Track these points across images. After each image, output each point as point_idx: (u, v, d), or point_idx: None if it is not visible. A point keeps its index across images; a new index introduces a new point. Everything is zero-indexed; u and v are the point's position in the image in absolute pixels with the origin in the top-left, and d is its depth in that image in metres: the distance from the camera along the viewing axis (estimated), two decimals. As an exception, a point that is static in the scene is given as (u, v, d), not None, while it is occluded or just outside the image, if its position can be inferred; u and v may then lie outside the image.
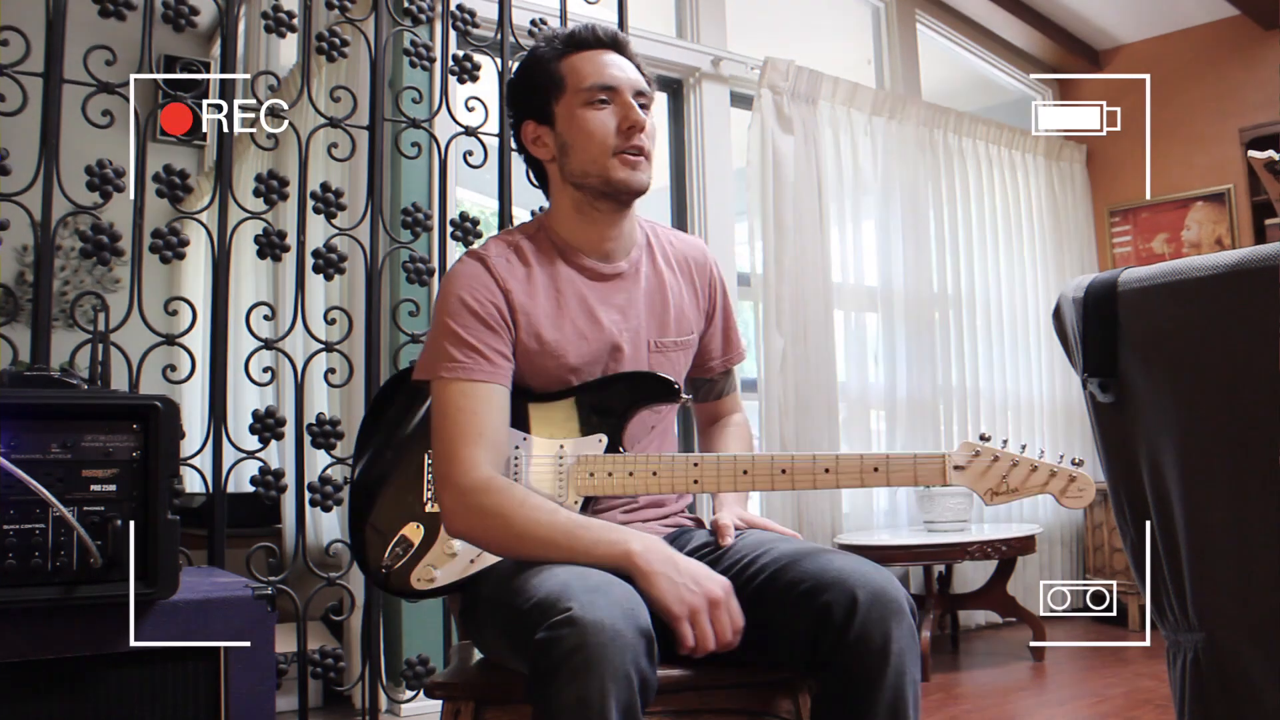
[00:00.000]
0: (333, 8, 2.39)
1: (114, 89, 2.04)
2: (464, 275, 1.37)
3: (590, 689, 1.01)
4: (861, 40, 4.55)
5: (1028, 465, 1.29)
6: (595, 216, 1.41)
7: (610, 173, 1.36)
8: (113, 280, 4.19)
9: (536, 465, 1.35)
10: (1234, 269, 0.94)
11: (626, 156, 1.36)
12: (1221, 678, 1.01)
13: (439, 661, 2.51)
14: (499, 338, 1.34)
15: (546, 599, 1.09)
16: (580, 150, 1.37)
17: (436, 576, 1.34)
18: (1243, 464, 0.97)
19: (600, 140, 1.36)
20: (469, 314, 1.33)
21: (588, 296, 1.41)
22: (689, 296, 1.50)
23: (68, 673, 1.18)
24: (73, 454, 1.17)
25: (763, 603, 1.23)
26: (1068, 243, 4.77)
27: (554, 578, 1.14)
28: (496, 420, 1.31)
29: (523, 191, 2.60)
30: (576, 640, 1.02)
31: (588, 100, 1.37)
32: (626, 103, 1.37)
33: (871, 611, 1.13)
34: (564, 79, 1.38)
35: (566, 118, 1.38)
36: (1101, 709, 2.83)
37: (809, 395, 3.67)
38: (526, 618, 1.10)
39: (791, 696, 1.32)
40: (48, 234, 1.97)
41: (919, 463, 1.29)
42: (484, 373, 1.32)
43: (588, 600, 1.06)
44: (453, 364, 1.31)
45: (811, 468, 1.30)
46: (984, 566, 3.85)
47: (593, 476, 1.33)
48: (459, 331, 1.32)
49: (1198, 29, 4.59)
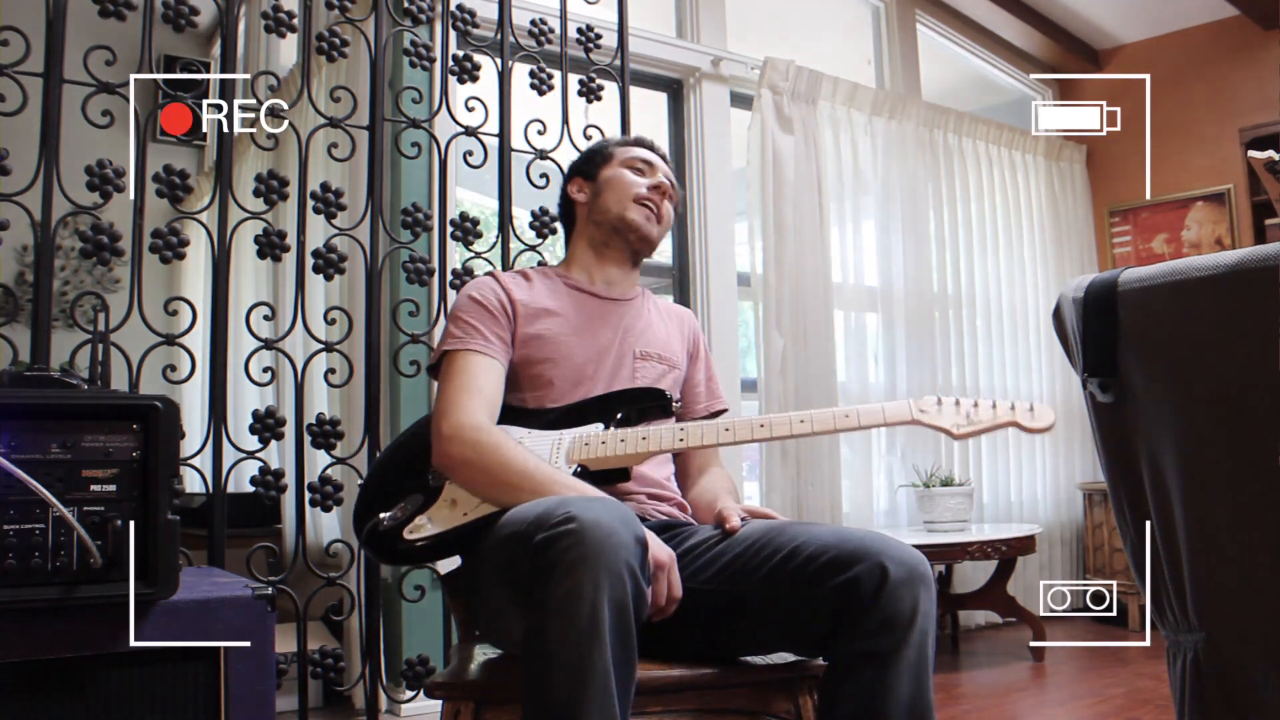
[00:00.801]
0: (333, 8, 2.39)
1: (114, 89, 2.04)
2: (474, 283, 1.62)
3: (583, 581, 1.06)
4: (861, 40, 4.55)
5: (987, 404, 1.41)
6: (606, 253, 1.68)
7: (628, 213, 1.64)
8: (113, 280, 4.19)
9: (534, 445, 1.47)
10: (1234, 269, 0.94)
11: (645, 206, 1.65)
12: (1221, 678, 1.01)
13: (439, 661, 2.51)
14: (498, 323, 1.55)
15: (545, 511, 1.15)
16: (610, 193, 1.67)
17: (427, 526, 1.39)
18: (1243, 464, 0.97)
19: (628, 188, 1.66)
20: (474, 304, 1.56)
21: (584, 306, 1.62)
22: (675, 336, 1.70)
23: (68, 673, 1.18)
24: (73, 454, 1.17)
25: (781, 580, 1.26)
26: (1068, 243, 4.77)
27: (551, 499, 1.21)
28: (493, 383, 1.50)
29: (523, 192, 2.61)
30: (576, 537, 1.08)
31: (629, 164, 1.69)
32: (657, 175, 1.69)
33: (900, 579, 1.19)
34: (614, 154, 1.72)
35: (607, 174, 1.69)
36: (1101, 709, 2.83)
37: (809, 395, 3.67)
38: (522, 535, 1.15)
39: (791, 696, 1.32)
40: (48, 234, 1.97)
41: (886, 411, 1.41)
42: (479, 345, 1.52)
43: (585, 505, 1.12)
44: (453, 339, 1.53)
45: (788, 421, 1.40)
46: (984, 566, 3.86)
47: (588, 445, 1.45)
48: (464, 317, 1.55)
49: (1198, 29, 4.59)
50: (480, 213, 3.13)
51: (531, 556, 1.10)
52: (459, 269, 2.49)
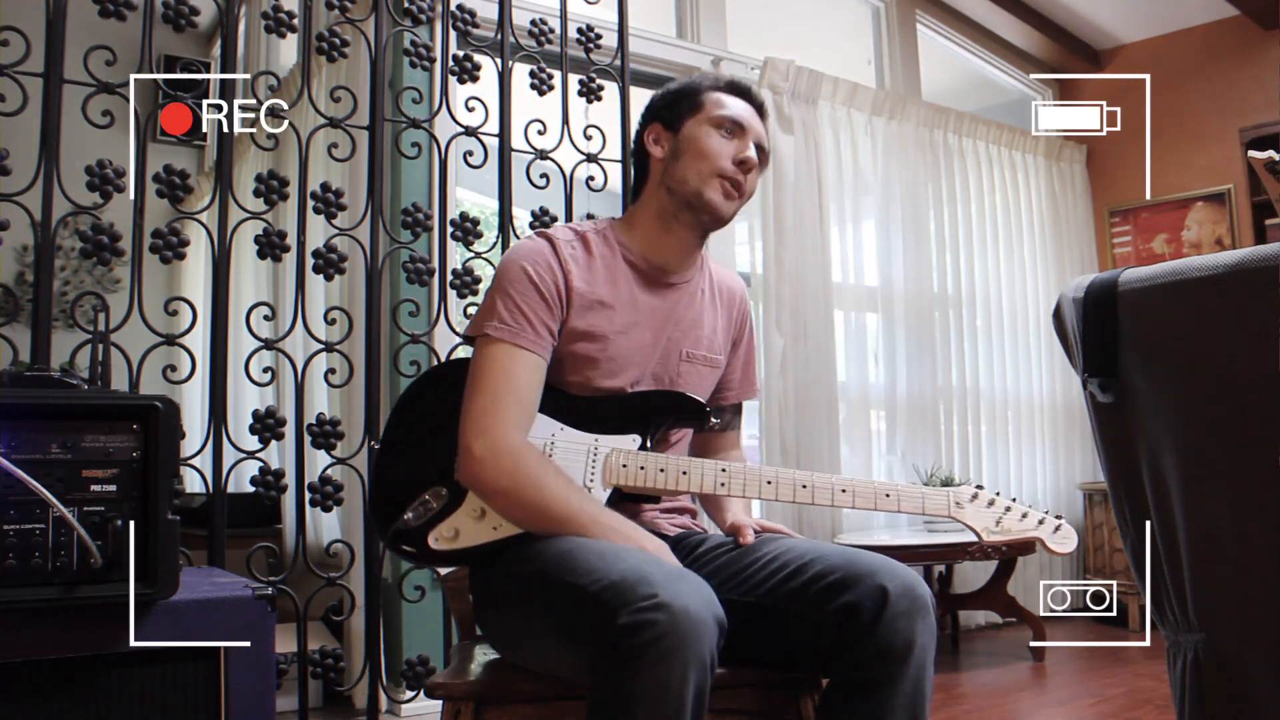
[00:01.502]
0: (333, 8, 2.39)
1: (114, 89, 2.04)
2: (529, 249, 1.43)
3: (672, 673, 1.04)
4: (861, 40, 4.55)
5: (1019, 511, 1.39)
6: (673, 227, 1.49)
7: (706, 189, 1.45)
8: (113, 280, 4.19)
9: (567, 452, 1.39)
10: (1234, 269, 0.94)
11: (726, 184, 1.45)
12: (1221, 678, 1.00)
13: (439, 661, 2.51)
14: (550, 312, 1.40)
15: (624, 581, 1.10)
16: (691, 159, 1.46)
17: (459, 534, 1.33)
18: (1243, 464, 0.97)
19: (713, 158, 1.45)
20: (527, 282, 1.39)
21: (638, 296, 1.47)
22: (723, 323, 1.57)
23: (68, 673, 1.18)
24: (73, 454, 1.17)
25: (785, 597, 1.25)
26: (1068, 243, 4.77)
27: (624, 561, 1.15)
28: (533, 388, 1.37)
29: (523, 192, 2.60)
30: (666, 626, 1.04)
31: (718, 124, 1.47)
32: (747, 144, 1.47)
33: (900, 607, 1.17)
34: (705, 103, 1.49)
35: (691, 130, 1.48)
36: (1101, 709, 2.83)
37: (809, 395, 3.67)
38: (596, 599, 1.10)
39: (795, 698, 1.32)
40: (48, 234, 1.97)
41: (927, 497, 1.38)
42: (528, 340, 1.37)
43: (672, 587, 1.08)
44: (501, 325, 1.37)
45: (830, 487, 1.37)
46: (984, 566, 3.86)
47: (626, 467, 1.37)
48: (514, 296, 1.38)
49: (1198, 29, 4.59)
50: (480, 213, 3.13)
51: (615, 637, 1.06)
52: (459, 269, 2.49)
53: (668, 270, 1.50)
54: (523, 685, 1.27)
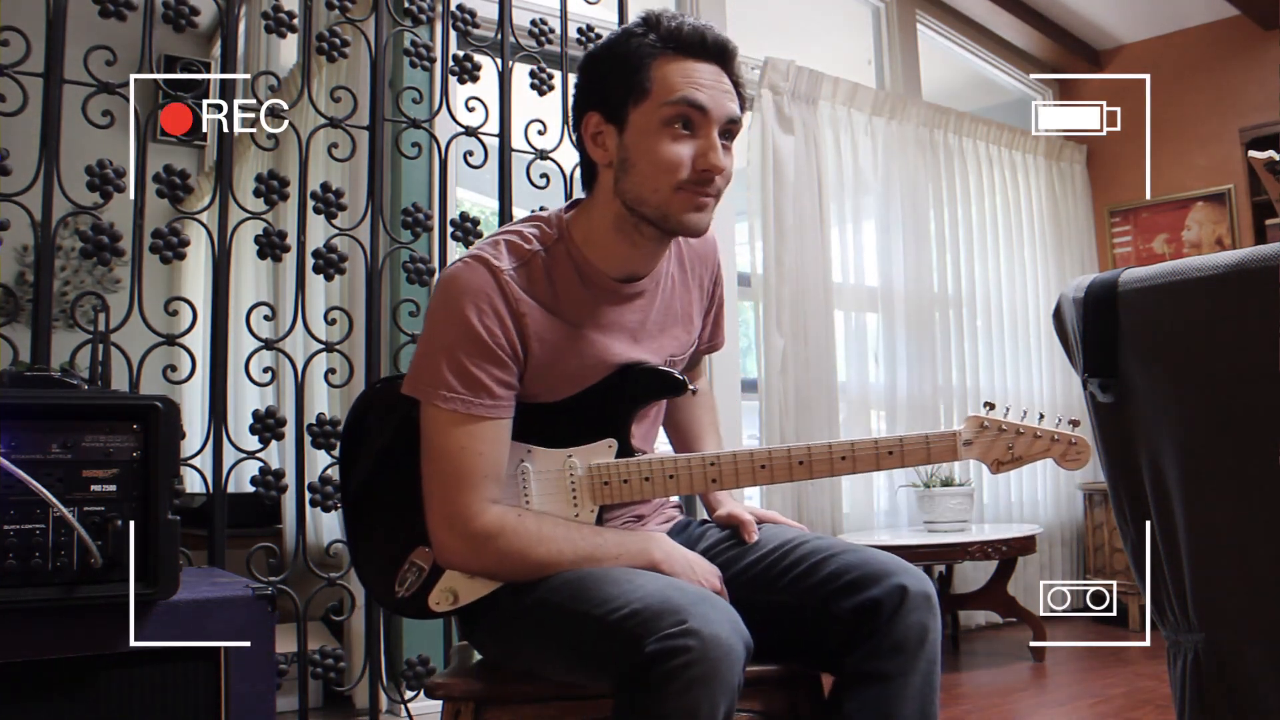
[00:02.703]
0: (333, 8, 2.39)
1: (114, 89, 2.04)
2: (474, 289, 1.21)
3: (701, 701, 1.03)
4: (861, 40, 4.55)
5: (1030, 434, 1.33)
6: (635, 240, 1.27)
7: (669, 209, 1.21)
8: (113, 280, 4.19)
9: (544, 480, 1.29)
10: (1234, 269, 0.94)
11: (694, 196, 1.21)
12: (1222, 678, 1.01)
13: (439, 661, 2.51)
14: (507, 370, 1.22)
15: (649, 609, 1.07)
16: (643, 175, 1.21)
17: (459, 596, 1.28)
18: (1243, 463, 0.97)
19: (669, 172, 1.19)
20: (474, 343, 1.20)
21: (602, 318, 1.29)
22: (696, 301, 1.43)
23: (68, 673, 1.18)
24: (73, 454, 1.17)
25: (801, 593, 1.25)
26: (1068, 243, 4.77)
27: (644, 586, 1.13)
28: (500, 456, 1.23)
29: (523, 192, 2.60)
30: (698, 653, 1.03)
31: (670, 119, 1.19)
32: (710, 138, 1.20)
33: (917, 603, 1.19)
34: (650, 84, 1.20)
35: (639, 130, 1.21)
36: (1101, 709, 2.83)
37: (809, 395, 3.67)
38: (618, 627, 1.08)
39: (790, 695, 1.32)
40: (48, 234, 1.97)
41: (931, 443, 1.30)
42: (486, 408, 1.20)
43: (700, 612, 1.06)
44: (451, 395, 1.19)
45: (829, 456, 1.28)
46: (984, 566, 3.85)
47: (608, 485, 1.28)
48: (463, 361, 1.19)
49: (1198, 29, 4.59)
50: (480, 213, 3.13)
51: (643, 665, 1.03)
52: (459, 269, 2.49)
53: (637, 276, 1.31)
54: (523, 685, 1.27)
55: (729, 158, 1.23)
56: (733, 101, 1.23)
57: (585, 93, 1.27)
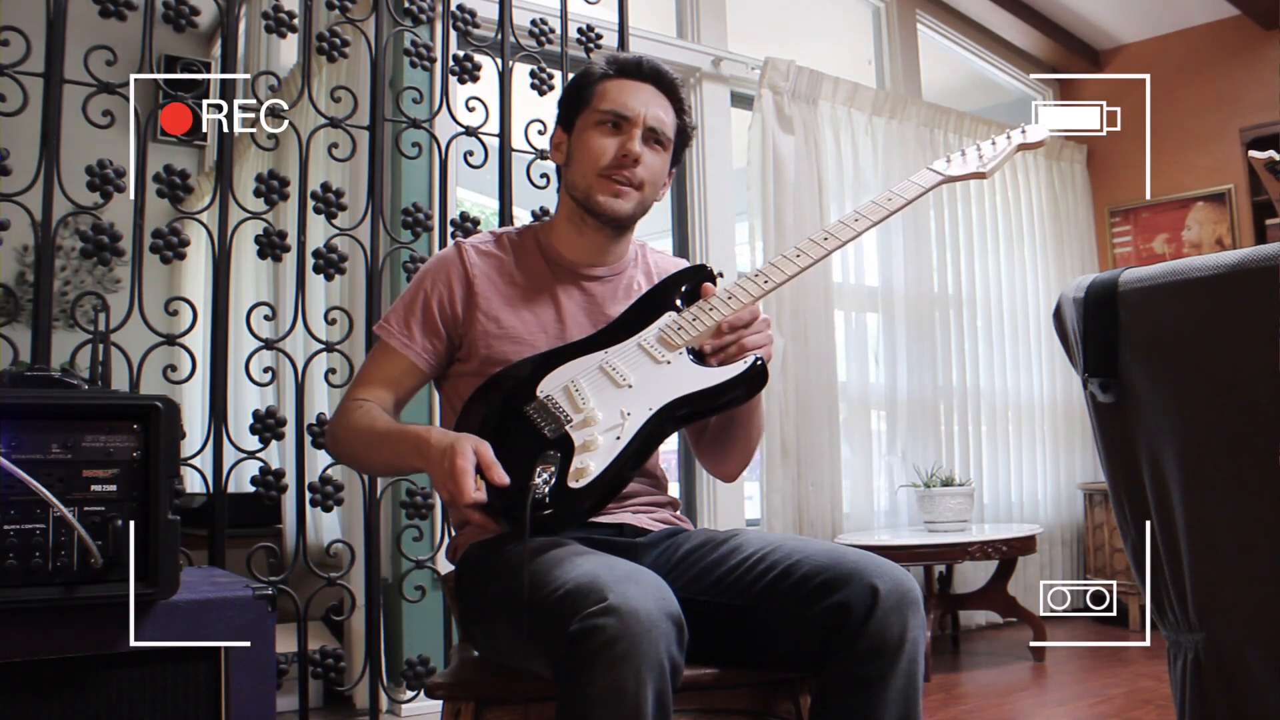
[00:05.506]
0: (333, 8, 2.39)
1: (114, 89, 2.04)
2: (436, 265, 1.49)
3: (626, 677, 1.02)
4: (861, 40, 4.55)
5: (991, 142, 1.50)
6: (585, 230, 1.48)
7: (592, 192, 1.44)
8: (113, 280, 4.19)
9: (623, 361, 1.37)
10: (1234, 269, 0.94)
11: (612, 183, 1.42)
12: (1222, 678, 1.01)
13: (439, 661, 2.51)
14: (434, 331, 1.46)
15: (578, 589, 1.09)
16: (578, 164, 1.45)
17: (590, 467, 1.27)
18: (1243, 463, 0.97)
19: (594, 159, 1.43)
20: (422, 302, 1.46)
21: (556, 291, 1.48)
22: None
23: (68, 673, 1.18)
24: (73, 454, 1.17)
25: (775, 597, 1.24)
26: (1068, 243, 4.77)
27: (578, 567, 1.14)
28: (388, 376, 1.46)
29: (523, 192, 2.60)
30: (615, 630, 1.03)
31: (599, 120, 1.44)
32: (633, 135, 1.43)
33: (890, 604, 1.17)
34: (592, 97, 1.46)
35: (579, 130, 1.47)
36: (1102, 709, 2.83)
37: (809, 395, 3.67)
38: (555, 609, 1.09)
39: (792, 697, 1.32)
40: (48, 234, 1.97)
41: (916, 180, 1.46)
42: (399, 342, 1.45)
43: (622, 590, 1.06)
44: (386, 327, 1.47)
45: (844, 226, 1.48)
46: (984, 566, 3.85)
47: (681, 329, 1.42)
48: (404, 313, 1.46)
49: (1198, 29, 4.59)
50: (480, 213, 3.13)
51: (567, 644, 1.05)
52: (459, 269, 2.49)
53: (593, 265, 1.51)
54: (523, 685, 1.27)
55: (654, 157, 1.45)
56: (665, 114, 1.46)
57: (558, 114, 1.53)
